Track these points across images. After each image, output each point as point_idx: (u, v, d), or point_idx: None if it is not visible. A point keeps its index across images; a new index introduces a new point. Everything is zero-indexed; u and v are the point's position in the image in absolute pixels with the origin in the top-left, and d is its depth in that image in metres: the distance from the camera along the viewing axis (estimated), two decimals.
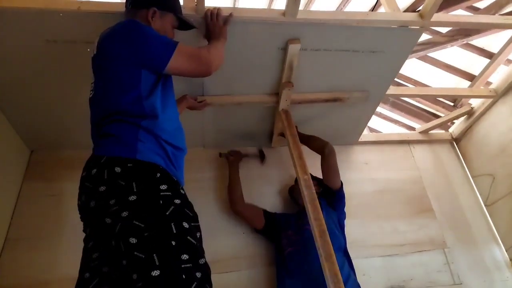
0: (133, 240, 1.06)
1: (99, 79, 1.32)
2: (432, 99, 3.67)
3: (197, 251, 1.14)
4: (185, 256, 1.09)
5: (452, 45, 3.23)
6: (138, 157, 1.19)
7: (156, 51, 1.27)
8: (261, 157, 2.45)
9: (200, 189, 2.29)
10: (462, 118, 2.68)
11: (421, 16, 1.81)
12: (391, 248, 2.27)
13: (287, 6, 1.68)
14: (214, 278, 1.93)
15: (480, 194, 2.53)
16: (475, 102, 2.59)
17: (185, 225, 1.14)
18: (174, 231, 1.11)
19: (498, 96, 2.37)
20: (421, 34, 1.87)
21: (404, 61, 2.02)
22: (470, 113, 2.58)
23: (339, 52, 1.91)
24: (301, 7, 1.70)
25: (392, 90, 2.32)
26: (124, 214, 1.09)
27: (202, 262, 1.15)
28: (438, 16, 1.82)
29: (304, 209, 1.80)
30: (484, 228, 2.44)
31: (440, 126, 2.73)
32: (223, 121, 2.29)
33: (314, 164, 2.14)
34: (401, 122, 4.35)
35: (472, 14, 3.07)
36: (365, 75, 2.07)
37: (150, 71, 1.29)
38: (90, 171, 1.20)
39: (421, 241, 2.33)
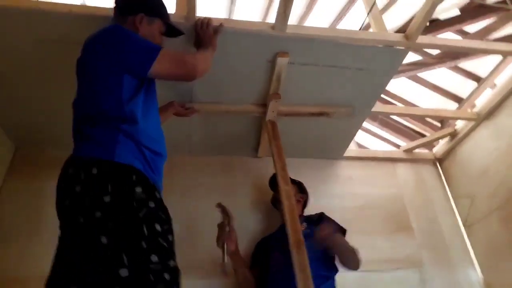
0: (104, 240, 1.08)
1: (82, 82, 1.33)
2: (420, 119, 3.75)
3: (168, 253, 1.15)
4: (154, 258, 1.10)
5: (440, 67, 3.31)
6: (116, 159, 1.20)
7: (139, 55, 1.29)
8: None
9: (185, 194, 2.30)
10: (446, 139, 2.72)
11: (406, 37, 1.86)
12: (367, 263, 2.23)
13: (276, 20, 1.72)
14: (194, 283, 1.98)
15: (460, 215, 2.57)
16: (460, 124, 2.65)
17: (157, 227, 1.16)
18: (146, 233, 1.12)
19: (480, 119, 2.43)
20: (406, 54, 1.92)
21: (390, 79, 2.07)
22: (453, 134, 2.63)
23: (327, 67, 1.96)
24: (295, 21, 1.75)
25: (379, 107, 2.36)
26: (98, 214, 1.11)
27: (172, 265, 1.16)
28: (423, 38, 1.88)
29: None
30: (461, 249, 2.47)
31: (424, 145, 2.78)
32: (210, 128, 2.31)
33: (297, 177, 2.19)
34: (390, 140, 4.41)
35: (461, 37, 3.15)
36: (351, 91, 2.11)
37: (132, 75, 1.30)
38: (67, 171, 1.21)
39: (397, 259, 2.35)
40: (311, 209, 2.22)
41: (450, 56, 3.24)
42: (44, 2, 1.61)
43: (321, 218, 2.08)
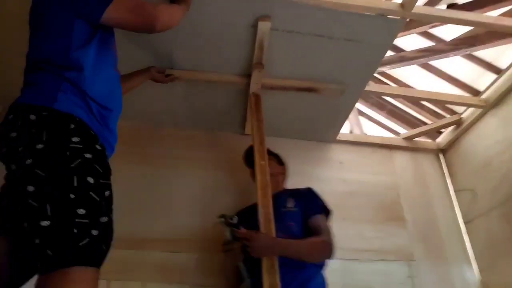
0: (30, 188, 1.01)
1: (32, 30, 1.26)
2: (431, 109, 3.53)
3: (99, 208, 1.07)
4: (81, 211, 1.02)
5: (454, 54, 3.08)
6: (56, 106, 1.12)
7: None
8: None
9: (171, 166, 2.24)
10: (450, 128, 2.53)
11: (402, 6, 1.70)
12: (352, 252, 2.14)
13: None
14: (169, 256, 1.92)
15: (460, 210, 2.38)
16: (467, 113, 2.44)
17: (90, 180, 1.07)
18: (75, 184, 1.04)
19: (488, 106, 2.22)
20: (402, 25, 1.77)
21: (384, 54, 1.91)
22: (458, 123, 2.43)
23: (313, 36, 1.82)
24: None
25: (373, 87, 2.20)
26: (28, 161, 1.04)
27: (104, 221, 1.07)
28: (421, 8, 1.71)
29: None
30: (458, 246, 2.29)
31: (425, 134, 2.59)
32: (194, 100, 2.21)
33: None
34: (397, 132, 4.21)
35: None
36: (341, 65, 1.97)
37: (85, 20, 1.22)
38: (7, 117, 1.16)
39: (386, 250, 2.20)
40: None
41: (466, 42, 3.02)
42: None
43: (308, 194, 1.90)
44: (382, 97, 3.41)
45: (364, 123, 4.49)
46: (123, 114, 1.40)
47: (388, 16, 1.73)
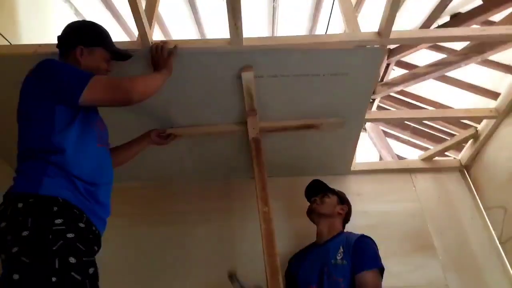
0: (16, 277, 1.06)
1: (19, 122, 1.35)
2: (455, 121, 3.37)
3: (83, 287, 1.11)
4: None
5: (466, 63, 2.97)
6: (41, 192, 1.19)
7: (69, 84, 1.30)
8: None
9: (185, 221, 2.28)
10: (470, 142, 2.38)
11: (379, 34, 1.68)
12: None
13: (230, 34, 1.66)
14: None
15: (494, 230, 2.19)
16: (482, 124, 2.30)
17: (71, 260, 1.11)
18: (57, 266, 1.09)
19: (500, 116, 2.08)
20: (383, 53, 1.75)
21: (373, 82, 1.89)
22: (475, 136, 2.29)
23: (298, 76, 1.84)
24: (266, 33, 1.68)
25: (373, 114, 2.15)
26: (15, 249, 1.10)
27: None
28: (399, 33, 1.68)
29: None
30: (498, 269, 2.09)
31: (444, 152, 2.46)
32: (199, 152, 2.27)
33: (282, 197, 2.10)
34: (422, 146, 4.02)
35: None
36: (333, 99, 1.96)
37: (65, 105, 1.31)
38: None
39: (418, 284, 2.06)
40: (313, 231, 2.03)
41: (476, 50, 2.90)
42: (15, 47, 1.73)
43: (358, 244, 1.77)
44: None
45: (392, 144, 4.35)
46: (133, 175, 1.46)
47: (367, 46, 1.71)
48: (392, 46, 3.25)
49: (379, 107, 3.79)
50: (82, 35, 1.48)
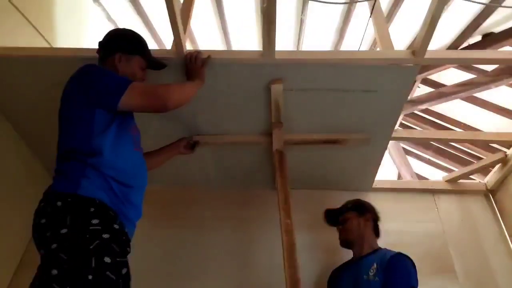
0: (54, 272, 1.10)
1: (60, 124, 1.41)
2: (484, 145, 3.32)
3: (116, 286, 1.13)
4: None
5: (496, 85, 2.93)
6: (79, 192, 1.24)
7: (108, 89, 1.34)
8: None
9: (205, 227, 2.30)
10: (497, 167, 2.34)
11: (414, 53, 1.67)
12: None
13: (263, 46, 1.68)
14: None
15: None
16: None
17: (107, 259, 1.15)
18: (93, 265, 1.12)
19: None
20: (416, 71, 1.73)
21: (404, 100, 1.88)
22: (504, 161, 2.25)
23: (328, 91, 1.84)
24: (291, 45, 1.69)
25: (399, 133, 2.13)
26: (54, 246, 1.15)
27: None
28: (433, 53, 1.68)
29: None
30: None
31: (469, 175, 2.42)
32: (223, 160, 2.29)
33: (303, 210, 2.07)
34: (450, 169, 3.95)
35: None
36: (362, 115, 1.95)
37: (104, 109, 1.36)
38: (39, 205, 1.29)
39: None
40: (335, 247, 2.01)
41: (508, 72, 2.87)
42: (55, 50, 1.78)
43: (392, 263, 1.72)
44: None
45: (412, 162, 4.30)
46: (157, 179, 1.49)
47: (401, 65, 1.71)
48: None
49: (401, 125, 3.76)
50: (122, 42, 1.53)
